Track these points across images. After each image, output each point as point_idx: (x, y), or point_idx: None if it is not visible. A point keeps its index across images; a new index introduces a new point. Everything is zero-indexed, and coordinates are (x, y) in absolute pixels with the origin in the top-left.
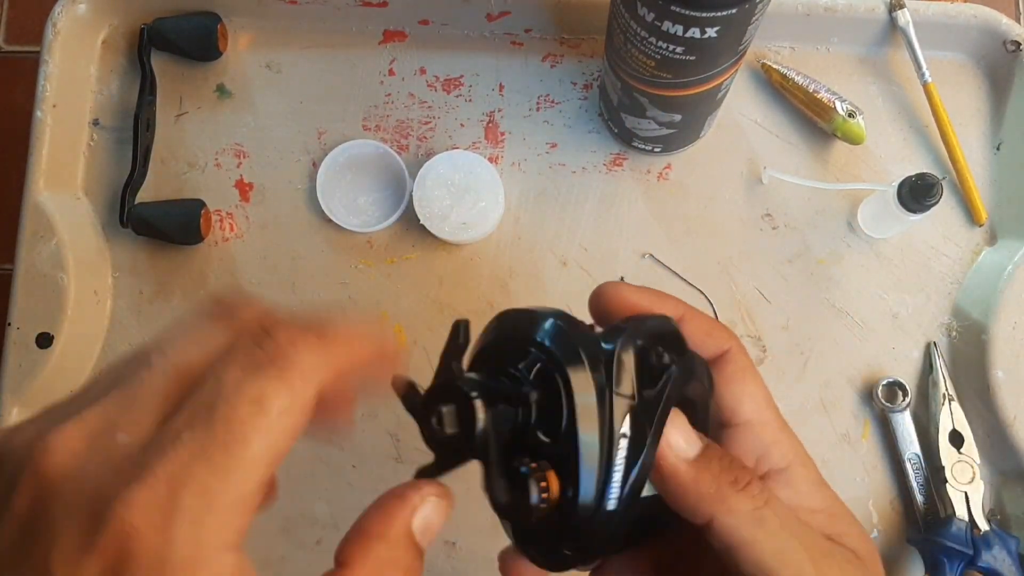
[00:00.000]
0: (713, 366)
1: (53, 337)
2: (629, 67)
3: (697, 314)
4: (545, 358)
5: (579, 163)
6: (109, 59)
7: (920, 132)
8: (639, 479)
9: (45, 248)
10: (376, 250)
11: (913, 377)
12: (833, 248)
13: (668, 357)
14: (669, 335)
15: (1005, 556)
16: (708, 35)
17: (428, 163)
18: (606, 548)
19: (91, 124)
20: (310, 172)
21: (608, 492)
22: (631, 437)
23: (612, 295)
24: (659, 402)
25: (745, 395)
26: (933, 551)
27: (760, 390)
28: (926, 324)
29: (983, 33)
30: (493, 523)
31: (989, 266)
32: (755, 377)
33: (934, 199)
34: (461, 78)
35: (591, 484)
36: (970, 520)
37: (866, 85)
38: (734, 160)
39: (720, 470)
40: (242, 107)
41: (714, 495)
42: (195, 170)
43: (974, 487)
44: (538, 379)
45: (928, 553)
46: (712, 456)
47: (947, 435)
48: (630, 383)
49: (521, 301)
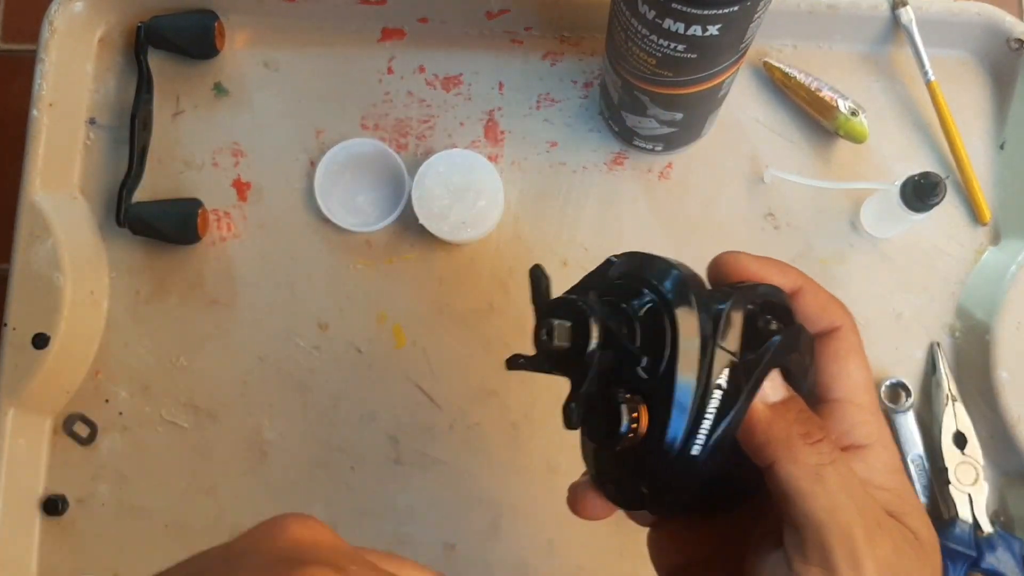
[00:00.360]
0: (821, 341)
1: (49, 338)
2: (630, 65)
3: (815, 287)
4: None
5: (579, 162)
6: (106, 57)
7: (923, 130)
8: (727, 431)
9: (41, 248)
10: (375, 250)
11: (916, 377)
12: (836, 248)
13: (776, 325)
14: (779, 305)
15: (1009, 558)
16: (710, 33)
17: (427, 162)
18: (682, 495)
19: (88, 123)
20: (308, 171)
21: (694, 437)
22: (726, 390)
23: (732, 263)
24: (758, 364)
25: (844, 374)
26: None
27: (861, 372)
28: (929, 324)
29: (987, 31)
30: (492, 527)
31: (993, 265)
32: (859, 359)
33: (938, 198)
34: (460, 76)
35: (680, 426)
36: (974, 522)
37: (869, 83)
38: (736, 159)
39: (795, 421)
40: (239, 106)
41: (782, 441)
42: (192, 169)
43: (978, 489)
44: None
45: None
46: (792, 407)
47: (951, 436)
48: (735, 340)
49: (521, 301)
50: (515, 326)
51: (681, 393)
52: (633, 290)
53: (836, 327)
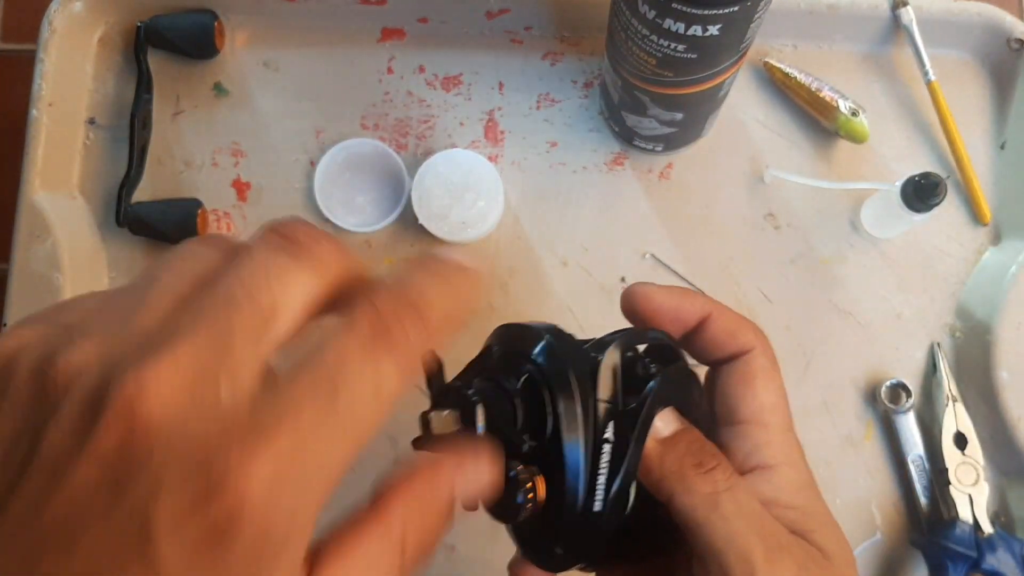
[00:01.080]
0: (730, 364)
1: None
2: (630, 65)
3: (724, 312)
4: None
5: (580, 162)
6: (105, 57)
7: (923, 131)
8: (626, 481)
9: (40, 248)
10: (375, 250)
11: (917, 378)
12: (836, 248)
13: (654, 367)
14: (659, 346)
15: (1009, 559)
16: (710, 33)
17: (427, 162)
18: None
19: (87, 123)
20: (308, 171)
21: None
22: (614, 442)
23: (641, 295)
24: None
25: (749, 395)
26: (937, 554)
27: (768, 393)
28: (930, 325)
29: (987, 31)
30: (492, 528)
31: (993, 266)
32: (767, 379)
33: (938, 198)
34: (460, 76)
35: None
36: (974, 522)
37: (869, 83)
38: (736, 159)
39: (686, 452)
40: (239, 106)
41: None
42: (192, 169)
43: (978, 489)
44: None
45: (931, 556)
46: (683, 439)
47: (951, 437)
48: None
49: (521, 301)
50: None
51: (571, 456)
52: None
53: (745, 350)
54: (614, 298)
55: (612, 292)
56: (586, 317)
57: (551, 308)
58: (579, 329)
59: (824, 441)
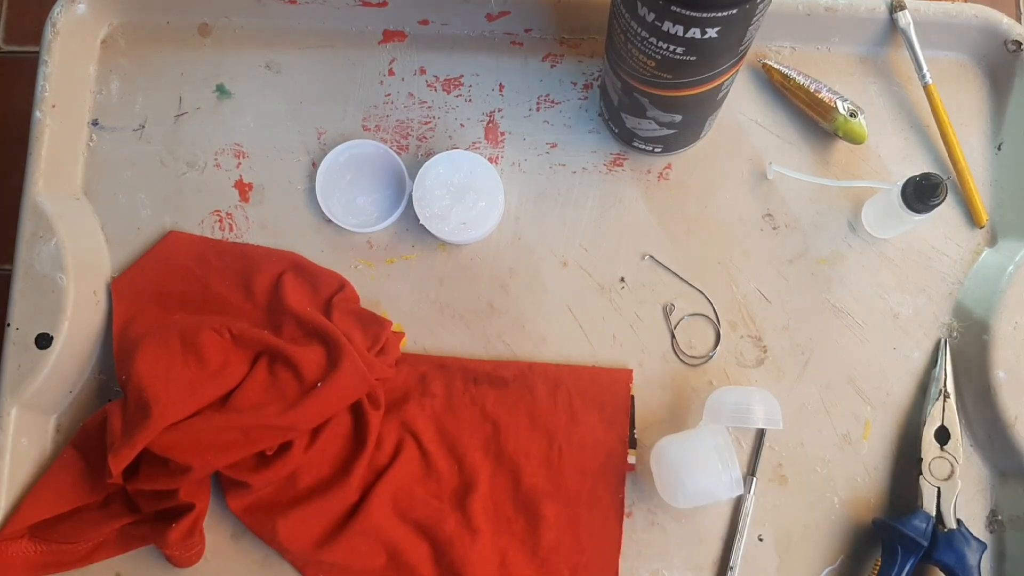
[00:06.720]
0: None
1: (52, 338)
2: (629, 67)
3: None
4: None
5: (579, 163)
6: (108, 59)
7: (921, 132)
8: None
9: (44, 248)
10: (375, 250)
11: (914, 377)
12: (834, 248)
13: None
14: None
15: (965, 557)
16: (709, 35)
17: (428, 163)
18: None
19: (90, 124)
20: (309, 172)
21: None
22: None
23: None
24: None
25: None
26: (891, 537)
27: None
28: (927, 325)
29: (984, 33)
30: None
31: (990, 266)
32: None
33: (939, 199)
34: (461, 78)
35: None
36: (937, 515)
37: (867, 85)
38: (735, 160)
39: None
40: (242, 107)
41: None
42: (194, 170)
43: (950, 485)
44: None
45: (885, 538)
46: None
47: (933, 430)
48: None
49: (521, 301)
50: (515, 326)
51: None
52: None
53: None
54: (614, 298)
55: (611, 292)
56: (585, 317)
57: (551, 308)
58: (579, 329)
59: (822, 440)
